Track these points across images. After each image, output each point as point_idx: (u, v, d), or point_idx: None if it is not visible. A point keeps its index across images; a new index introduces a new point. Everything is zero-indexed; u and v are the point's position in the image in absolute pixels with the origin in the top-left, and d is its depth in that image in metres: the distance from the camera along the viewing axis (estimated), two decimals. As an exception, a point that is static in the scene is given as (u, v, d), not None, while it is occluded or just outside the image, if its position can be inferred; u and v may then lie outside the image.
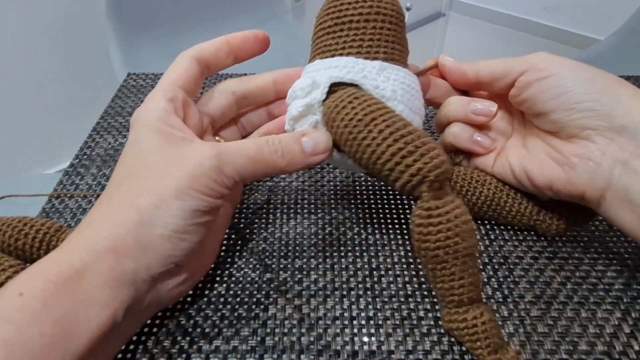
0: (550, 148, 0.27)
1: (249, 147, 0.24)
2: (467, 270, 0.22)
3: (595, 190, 0.25)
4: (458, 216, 0.22)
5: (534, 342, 0.24)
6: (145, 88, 0.47)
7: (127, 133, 0.41)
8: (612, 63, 0.92)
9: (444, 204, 0.22)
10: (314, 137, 0.25)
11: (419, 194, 0.22)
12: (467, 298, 0.23)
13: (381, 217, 0.32)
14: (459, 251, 0.22)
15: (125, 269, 0.21)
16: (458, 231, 0.21)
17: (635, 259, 0.29)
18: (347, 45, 0.26)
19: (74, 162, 0.37)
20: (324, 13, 0.27)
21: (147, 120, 0.24)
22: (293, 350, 0.24)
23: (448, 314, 0.23)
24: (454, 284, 0.22)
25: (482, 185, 0.30)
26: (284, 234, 0.30)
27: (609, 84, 0.25)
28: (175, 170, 0.22)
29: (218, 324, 0.25)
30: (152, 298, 0.23)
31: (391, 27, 0.26)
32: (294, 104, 0.26)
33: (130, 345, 0.24)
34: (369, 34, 0.26)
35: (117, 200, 0.22)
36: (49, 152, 1.20)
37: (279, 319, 0.25)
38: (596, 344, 0.24)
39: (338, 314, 0.25)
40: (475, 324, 0.22)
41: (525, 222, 0.29)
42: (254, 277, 0.27)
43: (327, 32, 0.27)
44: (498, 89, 0.29)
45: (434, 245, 0.22)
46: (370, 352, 0.24)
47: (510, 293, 0.26)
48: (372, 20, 0.26)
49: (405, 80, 0.26)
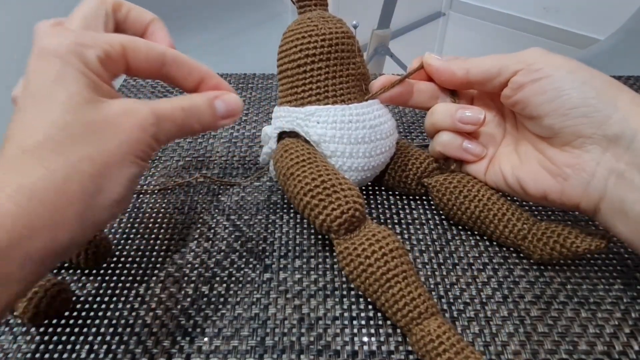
0: (544, 157, 0.27)
1: (177, 115, 0.22)
2: (398, 291, 0.23)
3: (590, 201, 0.24)
4: (366, 249, 0.24)
5: (534, 342, 0.24)
6: (145, 87, 0.47)
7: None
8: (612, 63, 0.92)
9: (352, 244, 0.24)
10: (226, 99, 0.24)
11: (332, 238, 0.26)
12: (414, 314, 0.23)
13: (381, 216, 0.32)
14: (378, 280, 0.23)
15: None
16: (369, 262, 0.24)
17: (634, 259, 0.29)
18: (286, 93, 0.30)
19: (73, 162, 0.37)
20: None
21: (70, 59, 0.19)
22: (293, 350, 0.24)
23: (410, 337, 0.23)
24: (393, 306, 0.23)
25: (470, 201, 0.29)
26: (284, 234, 0.30)
27: (606, 88, 0.24)
28: (118, 133, 0.20)
29: (218, 323, 0.25)
30: None
31: (329, 63, 0.28)
32: (262, 150, 0.31)
33: (130, 345, 0.24)
34: (301, 79, 0.28)
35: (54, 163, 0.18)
36: (48, 151, 1.20)
37: (278, 319, 0.25)
38: (596, 343, 0.24)
39: (338, 314, 0.25)
40: (437, 335, 0.22)
41: (509, 244, 0.28)
42: (254, 277, 0.27)
43: (279, 78, 0.30)
44: (490, 88, 0.28)
45: (355, 279, 0.24)
46: (370, 352, 0.24)
47: (510, 293, 0.26)
48: (302, 65, 0.28)
49: (337, 118, 0.28)
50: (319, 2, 0.29)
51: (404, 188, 0.32)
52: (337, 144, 0.28)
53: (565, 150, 0.25)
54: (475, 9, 1.82)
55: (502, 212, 0.28)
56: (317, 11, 0.29)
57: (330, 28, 0.28)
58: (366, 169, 0.29)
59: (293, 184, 0.26)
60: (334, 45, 0.27)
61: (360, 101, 0.29)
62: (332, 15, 0.29)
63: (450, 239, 0.30)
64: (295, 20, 0.29)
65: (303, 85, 0.28)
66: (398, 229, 0.31)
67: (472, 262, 0.28)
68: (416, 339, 0.22)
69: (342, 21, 0.29)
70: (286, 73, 0.29)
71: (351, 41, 0.28)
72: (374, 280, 0.24)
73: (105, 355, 0.23)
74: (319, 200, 0.25)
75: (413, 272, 0.24)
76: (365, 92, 0.30)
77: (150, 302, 0.26)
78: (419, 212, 0.32)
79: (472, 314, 0.25)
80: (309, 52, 0.28)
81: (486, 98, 0.30)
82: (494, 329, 0.25)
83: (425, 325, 0.22)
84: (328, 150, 0.28)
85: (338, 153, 0.28)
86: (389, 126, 0.29)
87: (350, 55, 0.28)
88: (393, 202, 0.33)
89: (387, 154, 0.30)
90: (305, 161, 0.27)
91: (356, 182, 0.30)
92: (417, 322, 0.23)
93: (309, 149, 0.28)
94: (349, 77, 0.28)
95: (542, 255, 0.26)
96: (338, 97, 0.28)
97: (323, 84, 0.28)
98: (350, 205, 0.25)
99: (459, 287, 0.27)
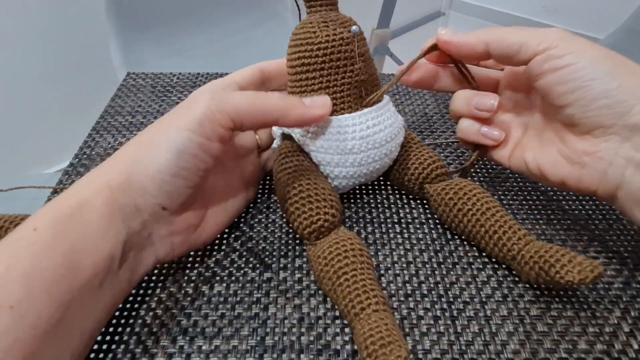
0: (563, 144, 0.27)
1: (247, 92, 0.26)
2: (345, 288, 0.24)
3: (607, 189, 0.25)
4: (325, 251, 0.25)
5: (534, 341, 0.24)
6: (145, 87, 0.47)
7: (126, 132, 0.41)
8: (611, 62, 0.92)
9: (317, 248, 0.26)
10: (313, 98, 0.27)
11: (305, 244, 0.28)
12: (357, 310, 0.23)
13: (381, 216, 0.32)
14: (330, 278, 0.25)
15: (118, 203, 0.22)
16: (325, 262, 0.25)
17: (634, 258, 0.29)
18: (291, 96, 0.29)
19: (73, 162, 0.37)
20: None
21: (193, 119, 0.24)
22: (293, 350, 0.24)
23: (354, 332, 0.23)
24: (341, 302, 0.24)
25: (463, 215, 0.28)
26: (284, 233, 0.30)
27: (630, 77, 0.23)
28: (174, 117, 0.24)
29: (218, 323, 0.25)
30: (146, 242, 0.24)
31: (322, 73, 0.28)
32: (272, 145, 0.32)
33: (130, 345, 0.24)
34: (298, 87, 0.29)
35: (130, 142, 0.25)
36: (48, 151, 1.20)
37: (278, 318, 0.25)
38: (595, 343, 0.24)
39: (338, 313, 0.25)
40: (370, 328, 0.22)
41: (499, 259, 0.28)
42: (254, 277, 0.27)
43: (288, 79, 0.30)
44: (512, 64, 0.27)
45: (317, 280, 0.26)
46: (370, 351, 0.23)
47: (510, 292, 0.26)
48: (299, 73, 0.28)
49: (326, 129, 0.28)
50: (325, 3, 0.28)
51: (406, 189, 0.32)
52: (325, 154, 0.28)
53: (585, 139, 0.25)
54: (474, 8, 1.82)
55: (494, 229, 0.27)
56: (323, 12, 0.28)
57: (328, 35, 0.27)
58: (356, 176, 0.29)
59: (279, 189, 0.28)
60: (329, 55, 0.27)
61: (355, 110, 0.29)
62: (338, 15, 0.28)
63: (450, 238, 0.30)
64: (301, 21, 0.29)
65: (300, 93, 0.29)
66: (398, 228, 0.31)
67: (471, 262, 0.28)
68: (354, 332, 0.23)
69: (346, 23, 0.28)
70: (289, 77, 0.29)
71: (349, 47, 0.27)
72: (328, 279, 0.25)
73: (105, 355, 0.23)
74: (295, 209, 0.27)
75: (365, 271, 0.24)
76: (364, 98, 0.29)
77: (150, 302, 0.26)
78: (419, 212, 0.32)
79: (471, 313, 0.25)
80: (305, 60, 0.27)
81: (513, 80, 0.29)
82: (493, 328, 0.25)
83: (364, 320, 0.22)
84: (316, 159, 0.29)
85: (325, 162, 0.28)
86: (385, 134, 0.29)
87: (347, 63, 0.27)
88: (393, 201, 0.33)
89: (382, 161, 0.30)
90: (292, 168, 0.28)
91: (348, 187, 0.30)
92: (358, 318, 0.23)
93: (300, 155, 0.29)
94: (344, 87, 0.28)
95: (529, 279, 0.26)
96: (344, 100, 0.28)
97: (317, 93, 0.28)
98: (319, 217, 0.26)
99: (459, 286, 0.27)
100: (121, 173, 0.23)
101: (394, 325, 0.22)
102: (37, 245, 0.19)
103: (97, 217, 0.21)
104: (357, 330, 0.22)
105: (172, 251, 0.26)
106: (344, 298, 0.24)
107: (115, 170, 0.23)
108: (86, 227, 0.21)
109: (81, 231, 0.21)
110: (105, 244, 0.21)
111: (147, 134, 0.24)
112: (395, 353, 0.20)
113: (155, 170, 0.23)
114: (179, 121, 0.24)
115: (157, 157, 0.23)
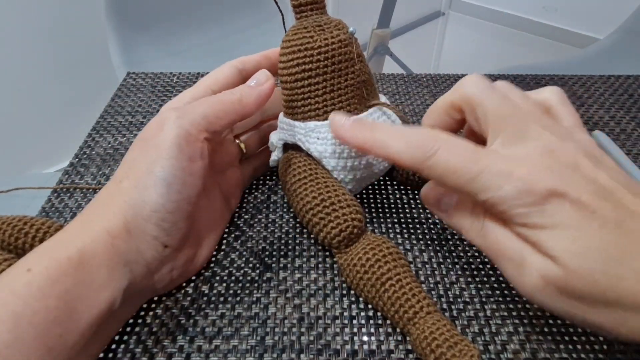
0: None
1: (206, 98, 0.26)
2: (393, 294, 0.24)
3: None
4: (362, 257, 0.25)
5: (534, 340, 0.24)
6: (145, 87, 0.47)
7: (126, 132, 0.40)
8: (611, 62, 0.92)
9: (350, 256, 0.26)
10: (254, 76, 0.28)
11: (334, 252, 0.27)
12: (410, 315, 0.23)
13: (381, 216, 0.32)
14: (374, 285, 0.24)
15: (119, 250, 0.22)
16: (364, 270, 0.25)
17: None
18: (288, 105, 0.29)
19: (73, 162, 0.37)
20: None
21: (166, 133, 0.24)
22: (293, 350, 0.24)
23: (409, 337, 0.23)
24: (390, 309, 0.24)
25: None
26: (284, 233, 0.30)
27: None
28: (152, 149, 0.24)
29: (218, 323, 0.25)
30: (147, 283, 0.24)
31: (326, 77, 0.27)
32: (271, 156, 0.31)
33: (130, 344, 0.24)
34: (300, 94, 0.28)
35: (110, 187, 0.24)
36: (48, 151, 1.20)
37: (278, 318, 0.25)
38: (596, 342, 0.24)
39: (338, 313, 0.25)
40: (431, 331, 0.22)
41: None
42: (254, 277, 0.27)
43: (281, 87, 0.29)
44: None
45: (356, 288, 0.25)
46: (370, 351, 0.24)
47: (510, 291, 0.26)
48: (300, 80, 0.28)
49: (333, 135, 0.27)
50: (315, 7, 0.28)
51: (411, 183, 0.33)
52: (338, 159, 0.28)
53: None
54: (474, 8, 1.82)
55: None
56: (313, 17, 0.28)
57: (326, 39, 0.27)
58: (367, 178, 0.30)
59: (296, 200, 0.28)
60: (330, 58, 0.27)
61: (362, 111, 0.29)
62: (329, 18, 0.28)
63: (449, 238, 0.30)
64: (292, 27, 0.28)
65: (302, 100, 0.28)
66: (397, 227, 0.31)
67: (471, 261, 0.28)
68: (413, 338, 0.23)
69: (340, 25, 0.28)
70: (286, 85, 0.28)
71: (348, 49, 0.27)
72: (371, 287, 0.24)
73: (105, 354, 0.23)
74: (319, 219, 0.26)
75: (408, 274, 0.25)
76: (366, 98, 0.29)
77: (150, 301, 0.26)
78: (419, 211, 0.32)
79: (472, 313, 0.25)
80: (306, 66, 0.27)
81: None
82: (494, 328, 0.25)
83: (420, 324, 0.23)
84: (329, 166, 0.28)
85: (339, 168, 0.28)
86: None
87: (348, 65, 0.27)
88: (393, 201, 0.33)
89: None
90: (307, 178, 0.28)
91: (360, 188, 0.31)
92: (413, 322, 0.23)
93: (311, 163, 0.29)
94: (348, 89, 0.28)
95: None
96: (349, 104, 0.28)
97: (322, 98, 0.28)
98: (348, 224, 0.26)
99: (459, 286, 0.27)
100: (118, 218, 0.22)
101: (452, 326, 0.22)
102: (29, 287, 0.18)
103: (97, 264, 0.21)
104: (416, 334, 0.22)
105: (171, 283, 0.25)
106: (392, 304, 0.23)
107: (111, 216, 0.22)
108: (84, 273, 0.20)
109: (79, 277, 0.20)
110: (105, 291, 0.21)
111: (131, 169, 0.23)
112: (467, 353, 0.20)
113: (150, 210, 0.22)
114: (158, 152, 0.23)
115: (149, 197, 0.22)
